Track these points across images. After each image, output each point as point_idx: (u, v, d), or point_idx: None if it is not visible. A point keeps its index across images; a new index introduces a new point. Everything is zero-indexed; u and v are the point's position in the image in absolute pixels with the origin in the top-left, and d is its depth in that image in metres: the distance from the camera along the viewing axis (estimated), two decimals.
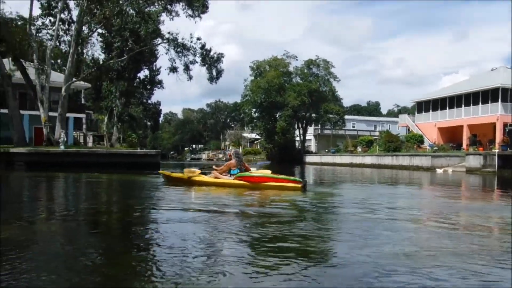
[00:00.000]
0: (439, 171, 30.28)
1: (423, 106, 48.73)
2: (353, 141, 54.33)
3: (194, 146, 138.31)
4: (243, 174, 13.05)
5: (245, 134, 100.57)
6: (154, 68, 54.41)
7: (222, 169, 13.69)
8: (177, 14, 36.91)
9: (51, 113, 32.64)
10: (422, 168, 33.05)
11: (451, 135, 43.60)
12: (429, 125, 46.58)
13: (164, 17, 38.79)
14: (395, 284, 3.89)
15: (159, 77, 56.51)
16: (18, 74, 32.08)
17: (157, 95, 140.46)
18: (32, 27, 32.49)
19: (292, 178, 13.07)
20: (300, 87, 58.24)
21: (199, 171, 14.42)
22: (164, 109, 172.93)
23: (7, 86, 30.84)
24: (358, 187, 17.14)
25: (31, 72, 32.29)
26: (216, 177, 13.57)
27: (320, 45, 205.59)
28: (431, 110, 47.17)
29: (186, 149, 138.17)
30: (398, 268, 4.36)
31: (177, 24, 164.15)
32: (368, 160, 42.17)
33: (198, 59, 38.83)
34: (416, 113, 50.59)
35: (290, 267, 4.36)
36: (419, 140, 42.55)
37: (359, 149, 49.80)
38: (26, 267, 4.19)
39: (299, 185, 12.42)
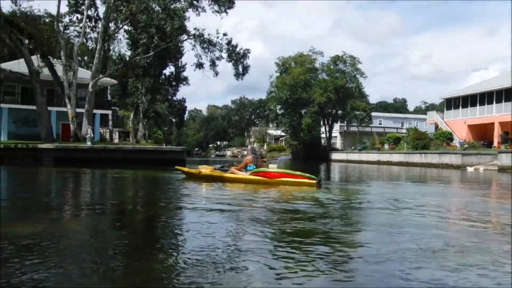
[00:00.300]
0: (469, 169, 29.50)
1: (452, 103, 47.71)
2: (380, 138, 53.53)
3: (218, 142, 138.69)
4: (258, 170, 13.22)
5: (270, 131, 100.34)
6: (179, 65, 54.53)
7: (240, 166, 13.92)
8: (204, 10, 36.79)
9: (78, 109, 32.94)
10: (452, 166, 32.24)
11: (482, 133, 42.54)
12: (459, 122, 45.57)
13: (190, 13, 38.72)
14: (422, 281, 3.82)
15: (184, 73, 56.69)
16: (46, 71, 32.45)
17: (182, 92, 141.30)
18: (60, 24, 32.80)
19: (307, 174, 13.09)
20: (326, 83, 57.60)
21: (212, 168, 14.86)
22: (189, 105, 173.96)
23: (35, 82, 31.25)
24: (385, 184, 16.91)
25: (59, 69, 32.61)
26: (232, 173, 13.77)
27: (345, 42, 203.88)
28: (460, 107, 46.16)
29: (210, 145, 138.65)
30: (425, 264, 4.33)
31: (203, 20, 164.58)
32: (395, 157, 41.38)
33: (224, 55, 38.71)
34: (445, 110, 49.57)
35: (316, 264, 4.32)
36: (449, 137, 41.58)
37: (386, 146, 49.02)
38: (49, 265, 4.08)
39: (314, 182, 12.52)
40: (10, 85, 37.85)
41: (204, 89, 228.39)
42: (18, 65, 33.11)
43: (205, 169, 14.56)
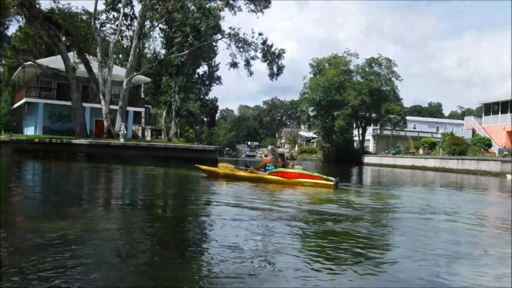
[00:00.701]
0: (509, 177, 28.41)
1: (491, 108, 46.22)
2: (414, 142, 52.37)
3: (249, 143, 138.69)
4: (277, 170, 13.61)
5: (301, 133, 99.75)
6: (213, 64, 54.58)
7: (259, 166, 14.37)
8: (240, 9, 36.58)
9: (112, 106, 33.19)
10: (490, 173, 31.14)
11: None
12: (498, 128, 44.10)
13: (226, 12, 38.58)
14: (454, 286, 3.76)
15: (217, 73, 56.70)
16: (81, 68, 32.79)
17: (214, 92, 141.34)
18: (96, 22, 33.11)
19: (325, 176, 13.39)
20: (360, 85, 56.66)
21: (233, 166, 15.32)
22: (221, 105, 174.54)
23: (71, 78, 31.62)
24: (420, 190, 16.75)
25: (94, 66, 32.93)
26: (251, 172, 14.12)
27: (380, 44, 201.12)
28: (500, 113, 44.66)
29: (241, 145, 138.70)
30: (459, 270, 4.26)
31: (238, 19, 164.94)
32: (431, 163, 40.33)
33: (259, 54, 38.34)
34: (483, 115, 48.12)
35: (347, 265, 4.30)
36: (487, 143, 40.25)
37: (420, 151, 47.91)
38: (77, 264, 3.96)
39: (332, 183, 12.75)
40: (46, 81, 38.58)
41: (236, 89, 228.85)
42: (55, 61, 33.60)
43: (225, 168, 14.93)
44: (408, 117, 65.09)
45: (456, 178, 26.64)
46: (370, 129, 66.68)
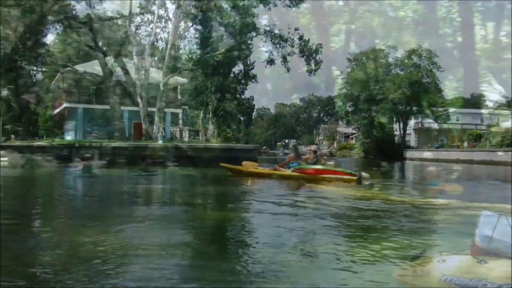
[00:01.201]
0: None
1: None
2: (459, 135, 50.70)
3: (286, 141, 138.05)
4: (300, 167, 13.80)
5: (339, 129, 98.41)
6: (248, 63, 54.29)
7: (283, 163, 14.75)
8: (275, 4, 36.11)
9: (149, 109, 33.39)
10: None
11: None
12: None
13: (261, 8, 38.26)
14: None
15: (253, 71, 56.35)
16: (118, 71, 33.09)
17: (250, 90, 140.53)
18: (132, 25, 33.39)
19: (348, 171, 13.74)
20: (400, 78, 55.19)
21: (256, 164, 15.85)
22: (257, 104, 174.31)
23: (108, 82, 31.99)
24: (467, 184, 15.77)
25: (131, 69, 33.17)
26: (275, 170, 14.45)
27: (417, 35, 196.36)
28: None
29: (278, 144, 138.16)
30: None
31: (273, 15, 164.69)
32: (477, 156, 38.82)
33: (296, 50, 37.74)
34: None
35: (385, 265, 4.20)
36: None
37: (465, 144, 46.32)
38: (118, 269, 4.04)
39: (355, 178, 12.90)
40: (85, 86, 39.18)
41: (272, 87, 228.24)
42: (92, 66, 34.03)
43: (249, 166, 15.24)
44: (450, 109, 63.10)
45: (506, 171, 25.57)
46: (411, 123, 64.99)
